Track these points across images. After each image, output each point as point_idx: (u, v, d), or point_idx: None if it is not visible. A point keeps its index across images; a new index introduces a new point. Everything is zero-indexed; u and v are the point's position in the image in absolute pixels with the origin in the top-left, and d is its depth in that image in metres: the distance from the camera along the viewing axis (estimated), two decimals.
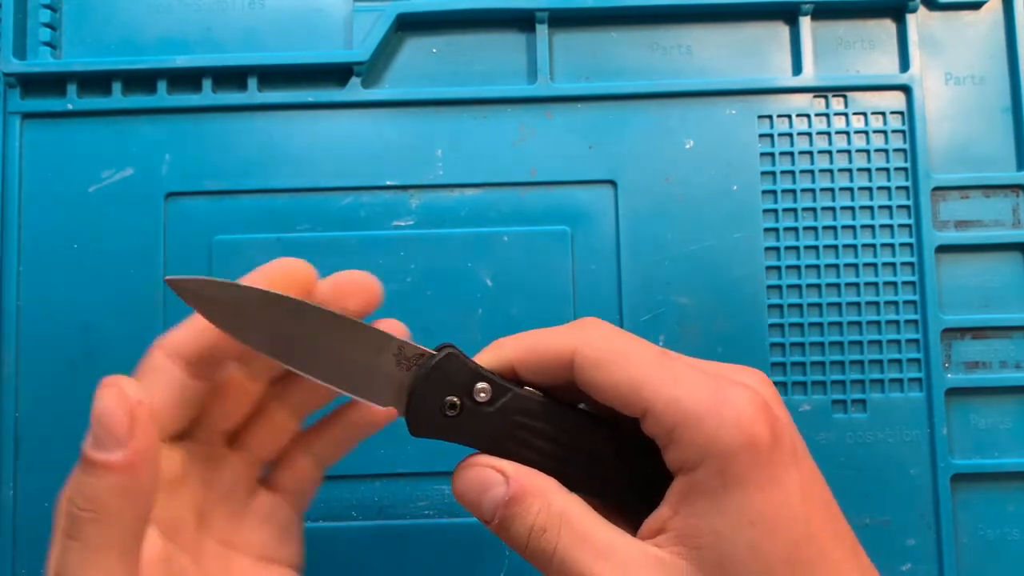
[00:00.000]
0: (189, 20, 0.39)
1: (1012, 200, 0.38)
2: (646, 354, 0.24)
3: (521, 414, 0.25)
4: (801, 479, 0.23)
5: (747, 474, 0.22)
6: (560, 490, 0.24)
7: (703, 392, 0.23)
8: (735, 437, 0.22)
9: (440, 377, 0.25)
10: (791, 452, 0.23)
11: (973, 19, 0.39)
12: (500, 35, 0.39)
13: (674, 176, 0.38)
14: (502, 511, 0.24)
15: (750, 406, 0.23)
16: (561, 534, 0.23)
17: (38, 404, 0.37)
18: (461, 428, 0.25)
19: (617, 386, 0.24)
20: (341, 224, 0.37)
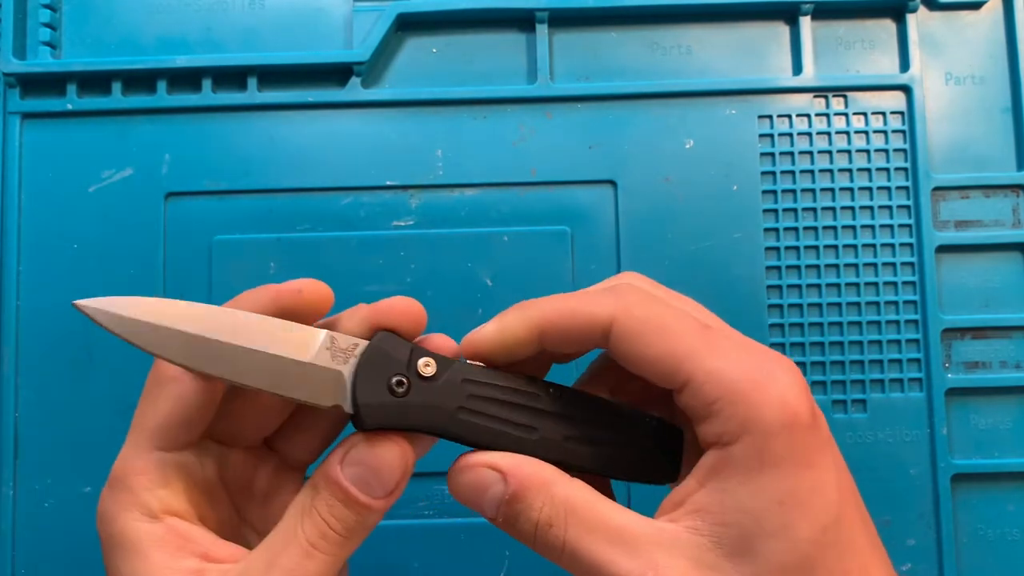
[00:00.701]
0: (189, 20, 0.39)
1: (1012, 200, 0.38)
2: (688, 324, 0.23)
3: (471, 383, 0.24)
4: (837, 466, 0.23)
5: (785, 453, 0.22)
6: (561, 478, 0.23)
7: (747, 366, 0.22)
8: (777, 414, 0.22)
9: (381, 359, 0.24)
10: (827, 435, 0.23)
11: (973, 19, 0.39)
12: (500, 35, 0.39)
13: (674, 176, 0.38)
14: (504, 509, 0.23)
15: (794, 384, 0.22)
16: (568, 525, 0.23)
17: (38, 404, 0.37)
18: (413, 407, 0.24)
19: (657, 358, 0.23)
20: (341, 224, 0.37)
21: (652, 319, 0.23)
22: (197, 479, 0.25)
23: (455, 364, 0.25)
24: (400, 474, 0.24)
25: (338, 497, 0.23)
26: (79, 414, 0.37)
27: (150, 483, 0.24)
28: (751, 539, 0.22)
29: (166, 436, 0.24)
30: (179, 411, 0.24)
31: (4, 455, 0.36)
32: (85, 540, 0.36)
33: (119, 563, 0.24)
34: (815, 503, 0.22)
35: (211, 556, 0.24)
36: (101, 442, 0.36)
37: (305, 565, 0.23)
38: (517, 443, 0.24)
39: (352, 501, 0.23)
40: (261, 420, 0.27)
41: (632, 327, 0.23)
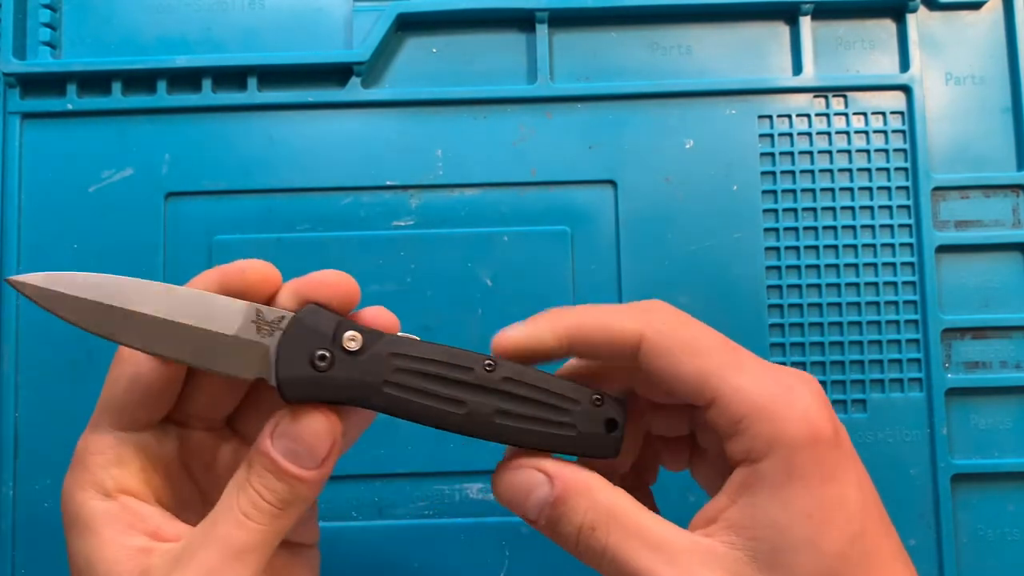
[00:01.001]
0: (189, 20, 0.39)
1: (1012, 200, 0.38)
2: (714, 343, 0.24)
3: (398, 357, 0.24)
4: (859, 477, 0.23)
5: (810, 467, 0.22)
6: (605, 485, 0.24)
7: (771, 384, 0.23)
8: (802, 430, 0.22)
9: (305, 332, 0.24)
10: (850, 450, 0.23)
11: (973, 19, 0.39)
12: (500, 35, 0.39)
13: (674, 176, 0.38)
14: (548, 511, 0.24)
15: (816, 401, 0.23)
16: (611, 531, 0.23)
17: (38, 404, 0.37)
18: (335, 381, 0.24)
19: (686, 376, 0.24)
20: (341, 224, 0.37)
21: (680, 336, 0.24)
22: (155, 459, 0.25)
23: (385, 338, 0.24)
24: (328, 445, 0.24)
25: (269, 469, 0.24)
26: (79, 414, 0.36)
27: (105, 462, 0.25)
28: (782, 552, 0.22)
29: (123, 417, 0.25)
30: (136, 392, 0.25)
31: (4, 455, 0.36)
32: None
33: (73, 539, 0.24)
34: (840, 516, 0.22)
35: (161, 535, 0.24)
36: None
37: (239, 536, 0.23)
38: (442, 417, 0.24)
39: (283, 473, 0.24)
40: (217, 399, 0.27)
41: (661, 343, 0.24)
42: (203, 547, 0.23)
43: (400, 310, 0.28)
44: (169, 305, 0.24)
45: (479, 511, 0.36)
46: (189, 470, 0.27)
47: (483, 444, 0.36)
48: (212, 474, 0.27)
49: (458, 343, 0.26)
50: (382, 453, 0.37)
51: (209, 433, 0.27)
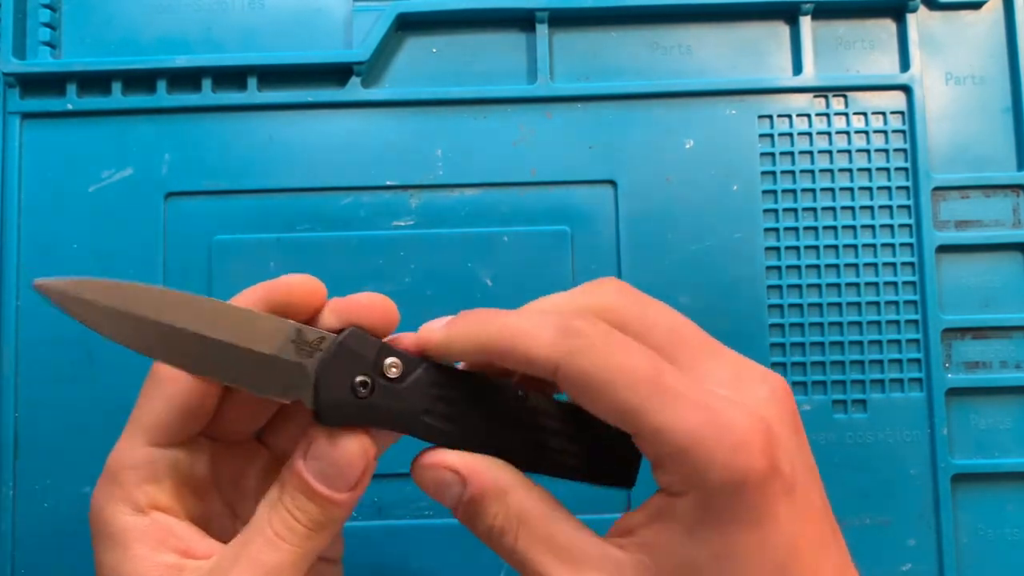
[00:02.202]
0: (189, 20, 0.39)
1: (1012, 200, 0.38)
2: (637, 375, 0.22)
3: (437, 387, 0.24)
4: (792, 516, 0.22)
5: (728, 512, 0.21)
6: (519, 487, 0.23)
7: (694, 421, 0.21)
8: (721, 475, 0.21)
9: (346, 357, 0.23)
10: (785, 486, 0.22)
11: (973, 19, 0.39)
12: (500, 35, 0.39)
13: (674, 176, 0.38)
14: (462, 510, 0.24)
15: (744, 437, 0.21)
16: (519, 536, 0.23)
17: (38, 404, 0.37)
18: (376, 409, 0.24)
19: (603, 412, 0.22)
20: (341, 224, 0.37)
21: (597, 370, 0.22)
22: (187, 476, 0.25)
23: (424, 365, 0.24)
24: (361, 469, 0.24)
25: (302, 491, 0.24)
26: (79, 414, 0.37)
27: (139, 478, 0.24)
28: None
29: (159, 433, 0.25)
30: (173, 410, 0.24)
31: (4, 455, 0.36)
32: (85, 540, 0.36)
33: (103, 554, 0.24)
34: (756, 561, 0.22)
35: (192, 552, 0.24)
36: (101, 442, 0.36)
37: (271, 556, 0.23)
38: (481, 449, 0.24)
39: (315, 495, 0.24)
40: (252, 416, 0.27)
41: (576, 376, 0.22)
42: (234, 566, 0.23)
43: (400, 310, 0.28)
44: (207, 321, 0.23)
45: None
46: (219, 484, 0.27)
47: None
48: (241, 488, 0.27)
49: None
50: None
51: (239, 447, 0.27)
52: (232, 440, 0.27)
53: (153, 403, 0.25)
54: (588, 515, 0.24)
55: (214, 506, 0.26)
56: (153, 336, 0.23)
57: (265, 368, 0.23)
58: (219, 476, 0.26)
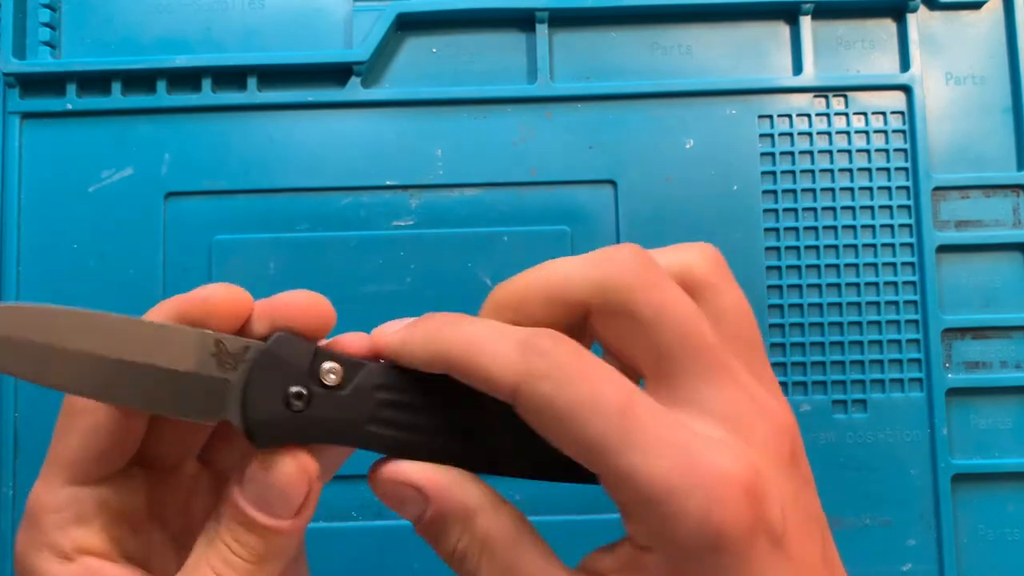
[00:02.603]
0: (189, 20, 0.39)
1: (1012, 200, 0.38)
2: (607, 405, 0.18)
3: (384, 390, 0.21)
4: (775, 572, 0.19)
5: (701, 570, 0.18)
6: (488, 508, 0.20)
7: (666, 465, 0.18)
8: (693, 530, 0.18)
9: (275, 367, 0.21)
10: (773, 539, 0.19)
11: (973, 19, 0.39)
12: (500, 35, 0.39)
13: (674, 176, 0.38)
14: (422, 528, 0.21)
15: (725, 486, 0.18)
16: (481, 563, 0.20)
17: (38, 404, 0.37)
18: (314, 422, 0.21)
19: (565, 447, 0.19)
20: (341, 224, 0.37)
21: (557, 398, 0.19)
22: (119, 512, 0.23)
23: (366, 367, 0.21)
24: (303, 492, 0.21)
25: (240, 522, 0.21)
26: None
27: (62, 521, 0.22)
28: None
29: (79, 471, 0.22)
30: (91, 445, 0.22)
31: (4, 455, 0.36)
32: None
33: None
34: None
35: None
36: None
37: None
38: (434, 456, 0.21)
39: (255, 525, 0.21)
40: (185, 439, 0.24)
41: (534, 405, 0.19)
42: None
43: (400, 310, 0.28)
44: (114, 340, 0.20)
45: None
46: (160, 515, 0.24)
47: None
48: (188, 517, 0.24)
49: None
50: None
51: (180, 472, 0.24)
52: (170, 466, 0.24)
53: (69, 438, 0.22)
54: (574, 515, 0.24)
55: (155, 540, 0.24)
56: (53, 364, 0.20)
57: (184, 387, 0.20)
58: (160, 507, 0.24)
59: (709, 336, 0.20)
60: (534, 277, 0.21)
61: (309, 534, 0.36)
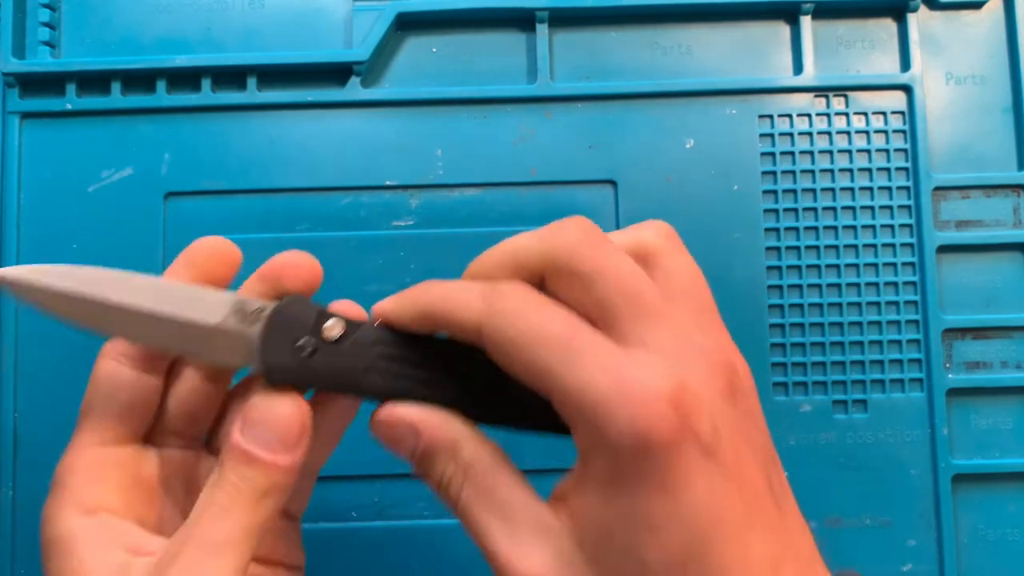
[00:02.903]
0: (189, 20, 0.39)
1: (1013, 200, 0.38)
2: (552, 335, 0.22)
3: (380, 344, 0.25)
4: (713, 485, 0.21)
5: (635, 474, 0.21)
6: (470, 440, 0.24)
7: (601, 382, 0.21)
8: (623, 433, 0.21)
9: (286, 322, 0.25)
10: (704, 451, 0.21)
11: (974, 19, 0.39)
12: (500, 35, 0.39)
13: (674, 176, 0.38)
14: (416, 462, 0.24)
15: (650, 395, 0.21)
16: (463, 488, 0.23)
17: (38, 404, 0.37)
18: (318, 369, 0.24)
19: (519, 371, 0.22)
20: (341, 224, 0.37)
21: (513, 332, 0.22)
22: (135, 478, 0.26)
23: (364, 326, 0.25)
24: (297, 428, 0.24)
25: (242, 460, 0.24)
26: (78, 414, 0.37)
27: (85, 479, 0.25)
28: (605, 550, 0.22)
29: (103, 432, 0.25)
30: (114, 404, 0.25)
31: (4, 455, 0.36)
32: None
33: (51, 561, 0.24)
34: (670, 530, 0.21)
35: (142, 550, 0.24)
36: None
37: (219, 529, 0.23)
38: (427, 401, 0.24)
39: (255, 461, 0.24)
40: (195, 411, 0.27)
41: (493, 339, 0.23)
42: (184, 547, 0.23)
43: None
44: (160, 299, 0.25)
45: None
46: (170, 491, 0.27)
47: None
48: (192, 494, 0.27)
49: None
50: (382, 453, 0.36)
51: (188, 452, 0.27)
52: (180, 444, 0.27)
53: (94, 403, 0.26)
54: None
55: (166, 510, 0.26)
56: (110, 318, 0.25)
57: (213, 338, 0.25)
58: (169, 482, 0.27)
59: (645, 287, 0.23)
60: (498, 250, 0.25)
61: (308, 535, 0.36)
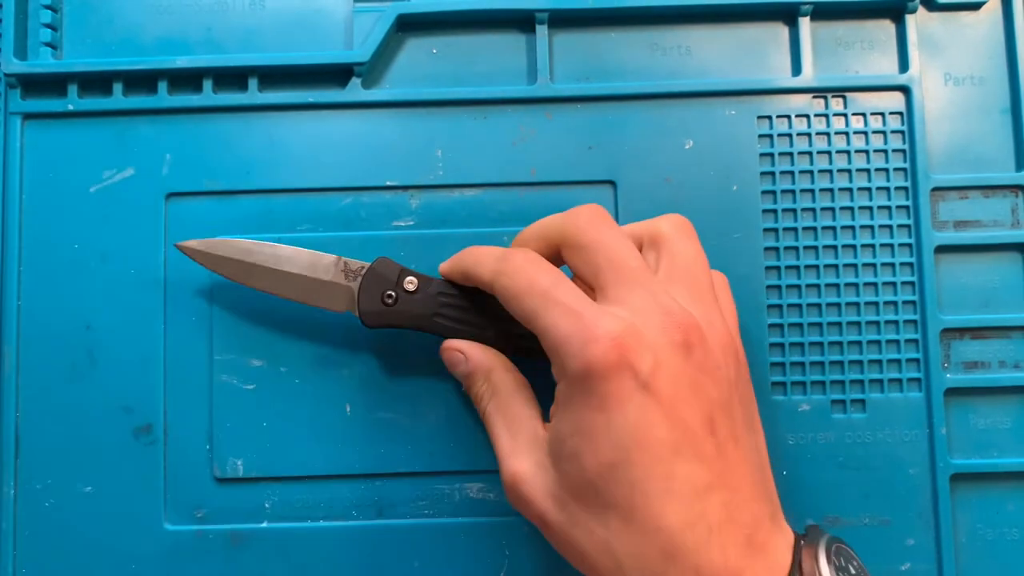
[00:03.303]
0: (190, 21, 0.39)
1: (1011, 200, 0.38)
2: (537, 288, 0.28)
3: (443, 296, 0.34)
4: (643, 411, 0.26)
5: (582, 395, 0.27)
6: (501, 368, 0.32)
7: (567, 323, 0.27)
8: (576, 366, 0.27)
9: (377, 278, 0.34)
10: (639, 383, 0.26)
11: (972, 20, 0.39)
12: (500, 35, 0.39)
13: (674, 176, 0.38)
14: (464, 380, 0.33)
15: (598, 333, 0.27)
16: (489, 403, 0.32)
17: (38, 404, 0.37)
18: (399, 312, 0.34)
19: (519, 316, 0.29)
20: (341, 224, 0.38)
21: (511, 284, 0.29)
22: None
23: (433, 282, 0.34)
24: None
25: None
26: (79, 414, 0.37)
27: None
28: (560, 456, 0.28)
29: None
30: None
31: (5, 455, 0.36)
32: (85, 540, 0.36)
33: None
34: (601, 442, 0.27)
35: None
36: (101, 442, 0.37)
37: None
38: (477, 337, 0.33)
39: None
40: None
41: (500, 291, 0.30)
42: None
43: None
44: (286, 261, 0.35)
45: (479, 511, 0.36)
46: None
47: (483, 445, 0.36)
48: None
49: None
50: (382, 453, 0.37)
51: None
52: None
53: None
54: None
55: None
56: (256, 275, 0.35)
57: (325, 290, 0.34)
58: None
59: (630, 259, 0.29)
60: (535, 225, 0.32)
61: (308, 534, 0.36)
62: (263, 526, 0.36)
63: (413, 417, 0.37)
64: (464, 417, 0.36)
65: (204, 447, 0.37)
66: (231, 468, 0.36)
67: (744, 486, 0.27)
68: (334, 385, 0.37)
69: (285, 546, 0.36)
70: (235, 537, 0.36)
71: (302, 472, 0.36)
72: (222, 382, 0.37)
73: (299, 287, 0.34)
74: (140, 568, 0.36)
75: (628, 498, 0.26)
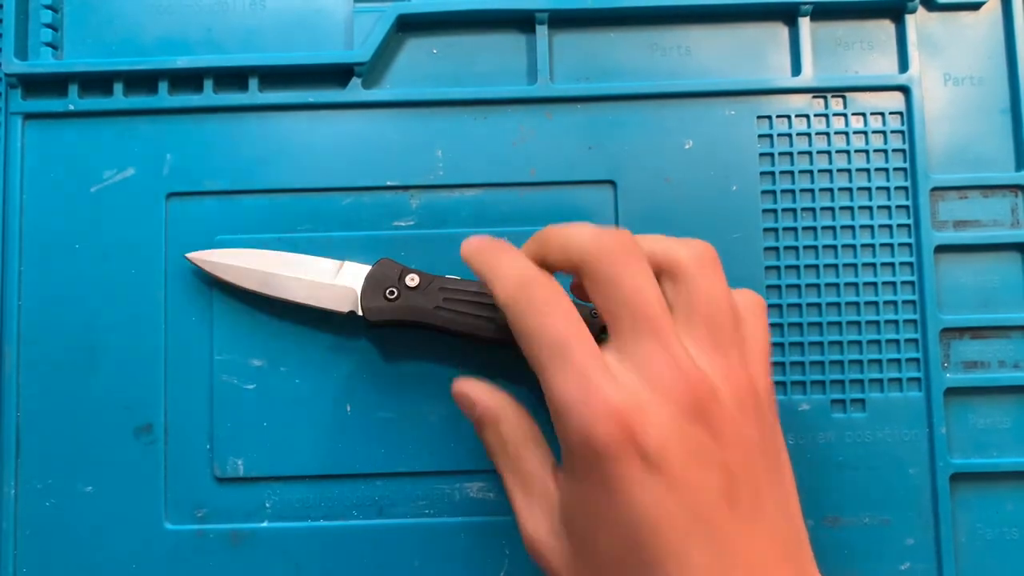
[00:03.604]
0: (190, 21, 0.39)
1: (1011, 200, 0.38)
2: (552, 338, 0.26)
3: (445, 291, 0.34)
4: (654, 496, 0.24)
5: (587, 473, 0.25)
6: (510, 416, 0.29)
7: (573, 388, 0.25)
8: (575, 438, 0.25)
9: (378, 277, 0.35)
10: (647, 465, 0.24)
11: (972, 20, 0.39)
12: (500, 35, 0.39)
13: (674, 176, 0.38)
14: (475, 425, 0.30)
15: (604, 408, 0.25)
16: (499, 457, 0.30)
17: (39, 404, 0.37)
18: (401, 307, 0.34)
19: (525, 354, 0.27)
20: (342, 224, 0.38)
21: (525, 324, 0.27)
22: None
23: (436, 278, 0.35)
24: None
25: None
26: (80, 414, 0.37)
27: None
28: (573, 530, 0.27)
29: None
30: None
31: (5, 455, 0.36)
32: (85, 540, 0.36)
33: None
34: (614, 527, 0.25)
35: None
36: (102, 442, 0.37)
37: None
38: (479, 329, 0.34)
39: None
40: None
41: (511, 321, 0.28)
42: None
43: None
44: (293, 267, 0.36)
45: (479, 511, 0.36)
46: None
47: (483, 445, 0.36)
48: None
49: None
50: (382, 453, 0.37)
51: None
52: None
53: None
54: None
55: None
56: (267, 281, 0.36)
57: (329, 291, 0.35)
58: None
59: (650, 305, 0.26)
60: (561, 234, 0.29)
61: (308, 534, 0.37)
62: (263, 526, 0.36)
63: (413, 417, 0.37)
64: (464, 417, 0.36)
65: (204, 447, 0.37)
66: (231, 468, 0.36)
67: (769, 563, 0.25)
68: (334, 385, 0.37)
69: (285, 546, 0.36)
70: (235, 537, 0.36)
71: (302, 472, 0.36)
72: (222, 382, 0.37)
73: (304, 289, 0.35)
74: (140, 568, 0.36)
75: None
